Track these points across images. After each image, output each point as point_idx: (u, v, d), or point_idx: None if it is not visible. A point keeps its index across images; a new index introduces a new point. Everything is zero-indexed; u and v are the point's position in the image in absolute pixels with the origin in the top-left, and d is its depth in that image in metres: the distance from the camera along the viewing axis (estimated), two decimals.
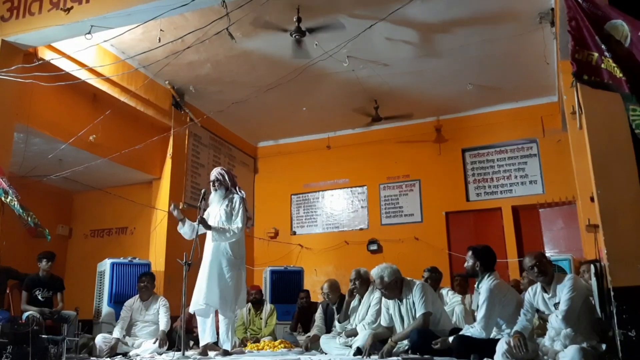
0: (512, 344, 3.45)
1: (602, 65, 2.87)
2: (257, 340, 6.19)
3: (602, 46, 2.87)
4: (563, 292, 3.60)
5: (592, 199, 5.14)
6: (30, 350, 4.98)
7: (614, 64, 2.83)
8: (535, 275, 3.78)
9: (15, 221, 5.36)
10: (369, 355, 4.44)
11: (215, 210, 5.19)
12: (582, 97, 4.05)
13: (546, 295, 3.75)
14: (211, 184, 5.23)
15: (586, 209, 5.73)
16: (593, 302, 3.86)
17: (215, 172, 5.28)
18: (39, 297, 6.04)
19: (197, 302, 4.94)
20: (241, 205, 5.13)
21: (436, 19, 6.54)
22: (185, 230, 5.09)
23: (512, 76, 8.03)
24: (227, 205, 5.15)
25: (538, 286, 3.85)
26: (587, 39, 3.01)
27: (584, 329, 3.60)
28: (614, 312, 3.51)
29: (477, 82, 8.14)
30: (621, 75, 2.78)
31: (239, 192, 5.29)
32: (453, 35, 6.87)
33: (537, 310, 3.87)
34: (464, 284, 6.50)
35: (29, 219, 5.29)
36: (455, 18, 6.51)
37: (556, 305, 3.65)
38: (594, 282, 4.02)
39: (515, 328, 3.75)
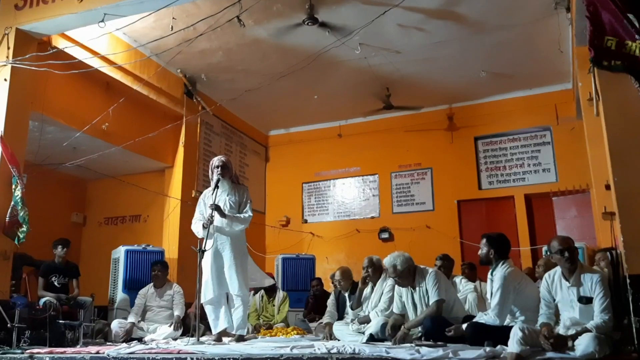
0: (546, 333, 3.39)
1: (626, 50, 2.83)
2: (270, 327, 6.25)
3: (633, 30, 2.82)
4: (595, 291, 3.49)
5: (607, 187, 5.10)
6: (47, 335, 5.09)
7: None
8: (563, 260, 3.65)
9: (29, 208, 5.39)
10: (383, 340, 4.47)
11: (220, 198, 5.12)
12: (600, 84, 3.98)
13: (566, 283, 3.70)
14: (217, 169, 5.11)
15: (601, 197, 5.67)
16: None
17: (221, 159, 5.20)
18: (55, 283, 6.12)
19: (213, 292, 4.99)
20: (249, 197, 5.23)
21: (449, 5, 6.47)
22: (203, 233, 5.02)
23: (526, 63, 7.94)
24: (235, 196, 5.16)
25: (556, 273, 3.79)
26: (607, 24, 2.97)
27: None
28: (630, 299, 3.49)
29: (491, 69, 8.06)
30: None
31: (242, 183, 5.37)
32: (466, 21, 6.80)
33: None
34: (471, 273, 6.48)
35: (22, 213, 5.28)
36: (469, 4, 6.44)
37: (582, 298, 3.55)
38: (609, 270, 4.00)
39: (542, 320, 3.72)
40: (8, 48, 5.71)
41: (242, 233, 5.21)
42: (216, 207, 4.91)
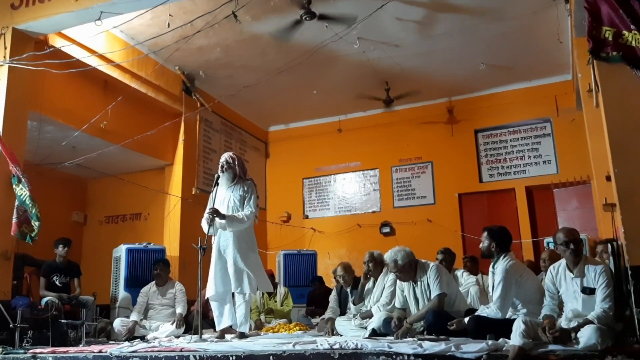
0: (546, 328, 3.39)
1: (622, 41, 2.82)
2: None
3: (628, 20, 2.80)
4: (598, 281, 3.51)
5: (608, 178, 5.07)
6: (50, 334, 5.09)
7: None
8: (569, 252, 3.64)
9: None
10: (385, 335, 4.46)
11: (226, 195, 5.14)
12: (599, 75, 3.96)
13: (570, 275, 3.69)
14: (220, 167, 5.17)
15: (602, 188, 5.66)
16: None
17: (225, 156, 5.23)
18: (57, 283, 6.11)
19: (216, 289, 4.98)
20: (253, 192, 5.16)
21: None
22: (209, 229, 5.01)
23: (526, 55, 7.91)
24: (239, 192, 5.14)
25: (561, 265, 3.78)
26: (605, 15, 2.96)
27: None
28: (632, 290, 3.48)
29: (490, 61, 8.03)
30: None
31: (249, 178, 5.31)
32: (465, 14, 6.76)
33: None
34: (473, 266, 6.47)
35: (34, 210, 5.28)
36: None
37: (585, 289, 3.55)
38: (611, 261, 3.99)
39: (545, 312, 3.72)
40: (5, 48, 5.70)
41: (248, 230, 5.13)
42: (214, 211, 4.88)
